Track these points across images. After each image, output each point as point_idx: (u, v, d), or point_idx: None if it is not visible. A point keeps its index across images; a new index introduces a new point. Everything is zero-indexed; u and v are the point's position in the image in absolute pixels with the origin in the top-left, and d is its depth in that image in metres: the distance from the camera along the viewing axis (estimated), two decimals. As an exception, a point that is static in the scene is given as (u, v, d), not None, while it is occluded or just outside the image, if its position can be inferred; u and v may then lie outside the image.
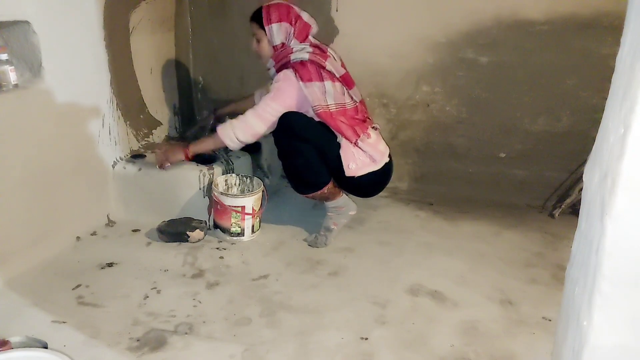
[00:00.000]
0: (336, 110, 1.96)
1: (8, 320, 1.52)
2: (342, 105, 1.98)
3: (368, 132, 2.02)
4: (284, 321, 1.57)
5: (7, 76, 1.75)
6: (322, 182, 2.00)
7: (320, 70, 1.96)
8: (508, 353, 1.46)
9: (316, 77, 1.94)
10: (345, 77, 2.06)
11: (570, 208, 2.42)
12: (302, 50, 1.98)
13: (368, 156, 1.98)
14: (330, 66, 2.00)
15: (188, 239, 2.04)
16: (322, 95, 1.94)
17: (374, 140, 2.03)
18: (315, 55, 1.98)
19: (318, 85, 1.94)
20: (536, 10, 2.30)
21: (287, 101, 1.95)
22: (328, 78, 1.96)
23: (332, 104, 1.95)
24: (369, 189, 2.11)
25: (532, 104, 2.44)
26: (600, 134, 0.90)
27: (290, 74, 1.95)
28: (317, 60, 1.97)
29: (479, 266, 1.95)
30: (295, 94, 1.95)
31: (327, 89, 1.95)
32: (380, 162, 2.01)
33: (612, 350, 0.86)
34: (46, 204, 1.86)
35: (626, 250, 0.80)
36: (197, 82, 2.92)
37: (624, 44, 0.85)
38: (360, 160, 1.97)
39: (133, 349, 1.42)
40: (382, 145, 2.06)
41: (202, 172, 2.15)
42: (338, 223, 2.11)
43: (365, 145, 1.97)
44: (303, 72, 1.93)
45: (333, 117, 1.95)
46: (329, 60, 2.02)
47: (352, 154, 1.96)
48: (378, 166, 2.01)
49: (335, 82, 1.98)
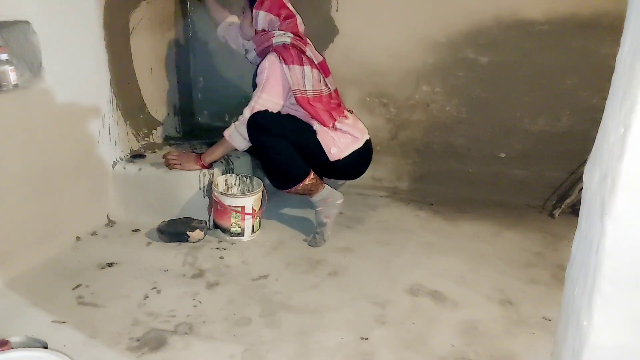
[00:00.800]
0: (313, 97, 2.00)
1: (8, 320, 1.51)
2: (319, 92, 2.04)
3: (345, 114, 2.09)
4: (284, 321, 1.57)
5: (7, 76, 1.75)
6: (302, 173, 2.00)
7: (301, 55, 2.00)
8: (508, 353, 1.46)
9: (297, 60, 1.98)
10: (322, 64, 2.11)
11: (570, 208, 2.42)
12: (284, 35, 2.02)
13: (349, 135, 2.04)
14: (309, 52, 2.05)
15: (188, 239, 2.04)
16: (302, 80, 1.98)
17: (352, 121, 2.10)
18: (296, 40, 2.03)
19: (299, 69, 1.97)
20: (536, 10, 2.30)
21: (276, 88, 1.99)
22: (308, 63, 2.01)
23: (309, 89, 1.99)
24: (355, 169, 2.16)
25: (532, 104, 2.44)
26: (600, 134, 0.90)
27: (275, 58, 1.98)
28: (299, 45, 2.02)
29: (479, 266, 1.95)
30: (282, 80, 1.99)
31: (306, 73, 1.99)
32: (362, 138, 2.08)
33: (612, 350, 0.86)
34: (46, 203, 1.86)
35: (626, 250, 0.81)
36: (197, 82, 2.92)
37: (624, 44, 0.85)
38: (341, 142, 2.02)
39: (133, 349, 1.42)
40: (360, 124, 2.14)
41: (202, 172, 2.15)
42: (330, 215, 2.10)
43: (344, 126, 2.04)
44: (286, 55, 1.97)
45: (310, 103, 1.99)
46: (309, 46, 2.08)
47: (332, 138, 2.00)
48: (360, 143, 2.07)
49: (313, 69, 2.02)
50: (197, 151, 2.27)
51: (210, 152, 2.13)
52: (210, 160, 2.14)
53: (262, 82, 1.99)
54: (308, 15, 2.56)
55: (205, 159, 2.13)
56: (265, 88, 1.98)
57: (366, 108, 2.66)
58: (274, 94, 1.99)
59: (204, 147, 2.44)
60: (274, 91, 1.99)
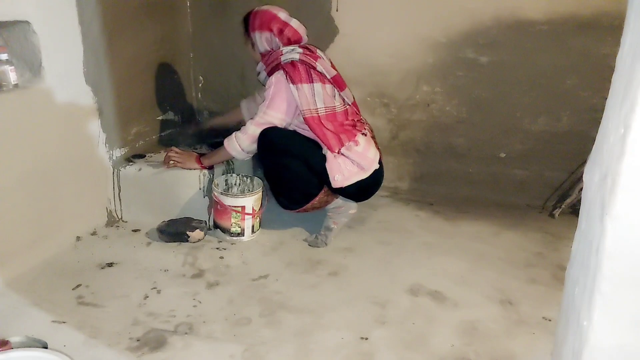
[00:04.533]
0: (325, 115, 1.94)
1: (8, 320, 1.51)
2: (332, 109, 1.96)
3: (356, 139, 1.97)
4: (283, 321, 1.57)
5: (7, 76, 1.75)
6: (314, 190, 1.98)
7: (311, 71, 1.94)
8: (508, 353, 1.46)
9: (306, 78, 1.92)
10: (336, 78, 2.04)
11: (570, 208, 2.42)
12: (292, 51, 1.97)
13: (356, 165, 1.95)
14: (320, 67, 1.98)
15: (188, 239, 2.04)
16: (312, 98, 1.92)
17: (363, 148, 1.98)
18: (305, 56, 1.96)
19: (307, 87, 1.92)
20: (536, 10, 2.30)
21: (282, 106, 1.95)
22: (318, 80, 1.95)
23: (321, 107, 1.93)
24: (358, 195, 2.09)
25: (532, 104, 2.44)
26: (600, 134, 0.90)
27: (282, 77, 1.93)
28: (308, 61, 1.96)
29: (479, 266, 1.95)
30: (288, 98, 1.94)
31: (317, 90, 1.93)
32: (369, 169, 1.98)
33: (612, 350, 0.86)
34: (46, 203, 1.86)
35: (626, 250, 0.81)
36: (197, 82, 2.92)
37: (624, 44, 0.85)
38: (347, 170, 1.94)
39: (133, 349, 1.42)
40: (371, 152, 2.01)
41: (202, 172, 2.15)
42: (338, 222, 2.11)
43: (352, 154, 1.94)
44: (294, 74, 1.91)
45: (320, 124, 1.93)
46: (319, 61, 2.00)
47: (338, 165, 1.93)
48: (367, 174, 1.97)
49: (325, 84, 1.97)
50: (197, 151, 2.27)
51: (209, 156, 2.13)
52: (209, 164, 2.14)
53: (268, 97, 1.96)
54: (308, 16, 2.57)
55: (204, 162, 2.13)
56: (271, 104, 1.95)
57: (367, 108, 2.66)
58: (280, 111, 1.95)
59: (204, 147, 2.44)
60: (279, 108, 1.95)
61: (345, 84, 2.09)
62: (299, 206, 2.03)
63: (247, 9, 2.11)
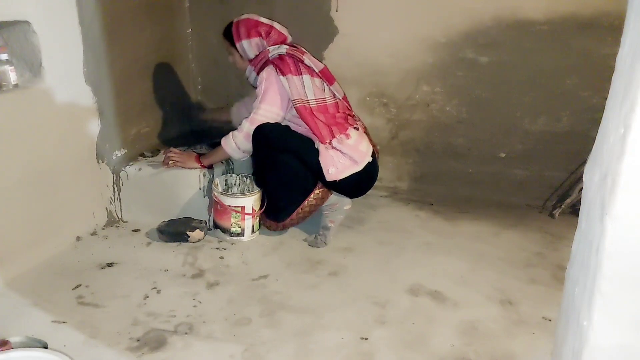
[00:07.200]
0: (316, 106, 1.96)
1: (8, 320, 1.51)
2: (323, 101, 1.99)
3: (347, 132, 2.00)
4: (283, 321, 1.57)
5: (7, 76, 1.75)
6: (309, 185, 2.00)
7: (299, 64, 1.98)
8: (508, 353, 1.46)
9: (295, 70, 1.96)
10: (324, 71, 2.07)
11: (570, 208, 2.42)
12: (279, 48, 2.01)
13: (348, 157, 1.96)
14: (308, 60, 2.01)
15: (188, 239, 2.04)
16: (303, 89, 1.95)
17: (354, 141, 2.00)
18: (292, 50, 2.01)
19: (297, 79, 1.95)
20: (536, 10, 2.30)
21: (275, 99, 1.97)
22: (307, 72, 1.98)
23: (312, 99, 1.96)
24: (354, 191, 2.10)
25: (532, 104, 2.44)
26: (600, 134, 0.90)
27: (272, 70, 1.97)
28: (295, 54, 1.99)
29: (479, 266, 1.95)
30: (280, 90, 1.97)
31: (306, 82, 1.96)
32: (361, 162, 1.99)
33: (612, 350, 0.86)
34: (46, 203, 1.86)
35: (626, 250, 0.81)
36: (197, 82, 2.92)
37: (624, 44, 0.85)
38: (340, 163, 1.95)
39: (133, 349, 1.42)
40: (363, 145, 2.03)
41: (202, 172, 2.15)
42: (335, 220, 2.10)
43: (344, 147, 1.96)
44: (283, 67, 1.95)
45: (312, 114, 1.95)
46: (306, 55, 2.04)
47: (332, 158, 1.94)
48: (359, 167, 1.98)
49: (314, 77, 2.00)
50: (197, 151, 2.27)
51: (208, 156, 2.14)
52: (208, 163, 2.15)
53: (260, 93, 1.98)
54: (308, 16, 2.57)
55: (203, 161, 2.14)
56: (264, 99, 1.97)
57: (366, 108, 2.66)
58: (274, 105, 1.98)
59: (203, 147, 2.44)
60: (273, 102, 1.97)
61: (334, 78, 2.11)
62: (295, 206, 2.02)
63: (247, 8, 2.12)
